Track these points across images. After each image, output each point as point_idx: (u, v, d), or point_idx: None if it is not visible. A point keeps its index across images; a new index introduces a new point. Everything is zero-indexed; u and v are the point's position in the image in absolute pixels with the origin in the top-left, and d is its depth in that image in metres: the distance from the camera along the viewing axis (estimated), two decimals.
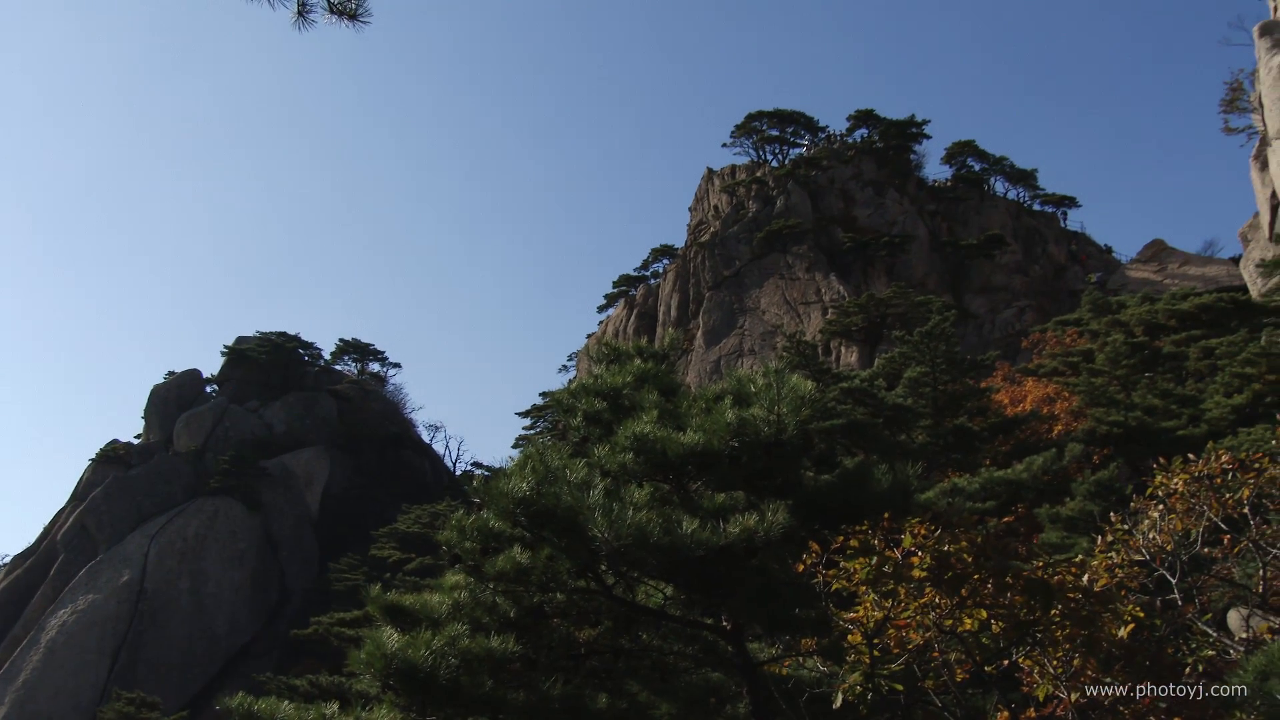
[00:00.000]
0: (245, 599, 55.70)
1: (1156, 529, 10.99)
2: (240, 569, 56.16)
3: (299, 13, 6.98)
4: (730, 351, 55.66)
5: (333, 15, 7.03)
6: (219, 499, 57.94)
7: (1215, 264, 54.48)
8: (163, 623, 52.13)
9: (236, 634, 54.45)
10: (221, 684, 48.21)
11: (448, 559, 10.01)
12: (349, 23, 7.06)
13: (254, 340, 70.56)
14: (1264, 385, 22.77)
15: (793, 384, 9.19)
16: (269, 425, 65.32)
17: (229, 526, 57.05)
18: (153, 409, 66.97)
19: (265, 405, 66.80)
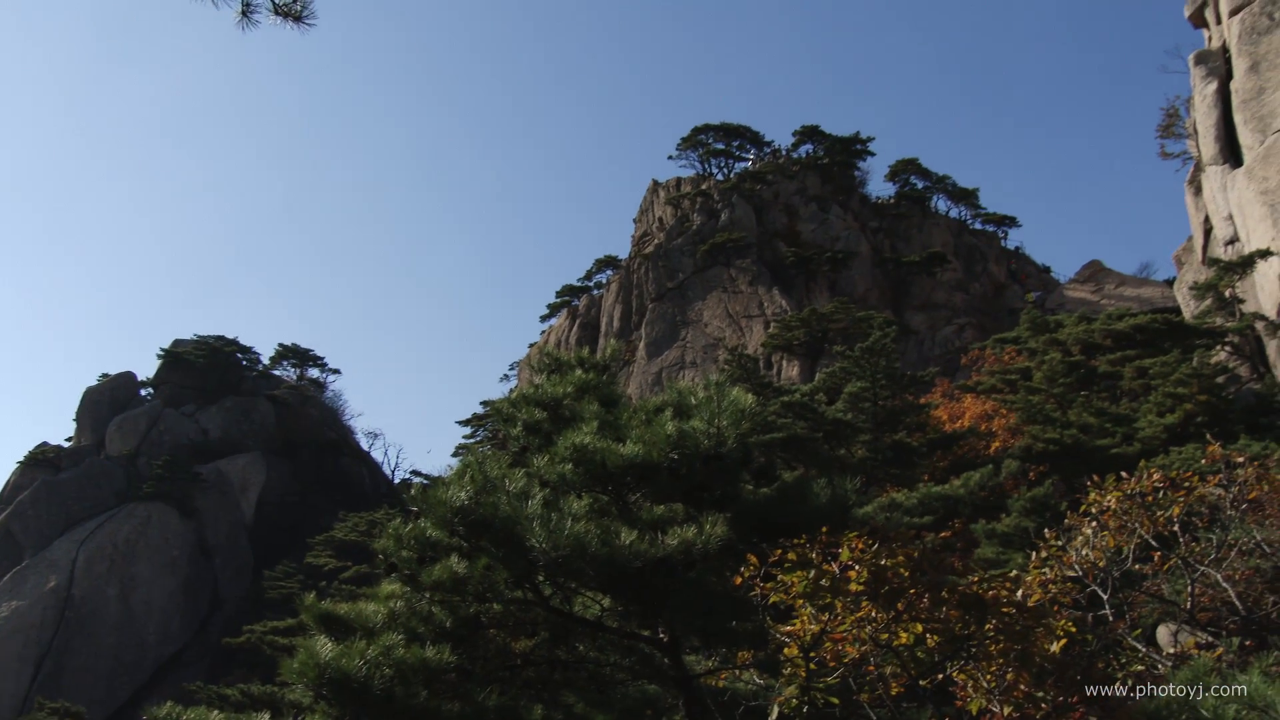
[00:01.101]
0: (177, 606, 54.83)
1: (1089, 545, 11.14)
2: (172, 576, 55.27)
3: (243, 13, 6.90)
4: (672, 363, 55.75)
5: (278, 16, 6.95)
6: (151, 504, 56.95)
7: (1150, 285, 55.41)
8: (90, 630, 51.17)
9: (167, 642, 53.59)
10: (150, 693, 47.44)
11: (384, 568, 9.91)
12: (294, 24, 6.99)
13: (191, 343, 69.56)
14: (1195, 405, 23.15)
15: (733, 397, 9.20)
16: (205, 430, 64.42)
17: (161, 533, 56.13)
18: (85, 411, 65.80)
19: (201, 409, 65.85)
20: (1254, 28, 33.95)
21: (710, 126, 71.44)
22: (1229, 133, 34.02)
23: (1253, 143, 32.30)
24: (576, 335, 66.71)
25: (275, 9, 6.93)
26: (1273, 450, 17.13)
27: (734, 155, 71.55)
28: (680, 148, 71.67)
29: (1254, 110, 32.85)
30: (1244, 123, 33.05)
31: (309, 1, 6.98)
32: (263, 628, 37.51)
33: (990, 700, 8.10)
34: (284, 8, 6.96)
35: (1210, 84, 35.24)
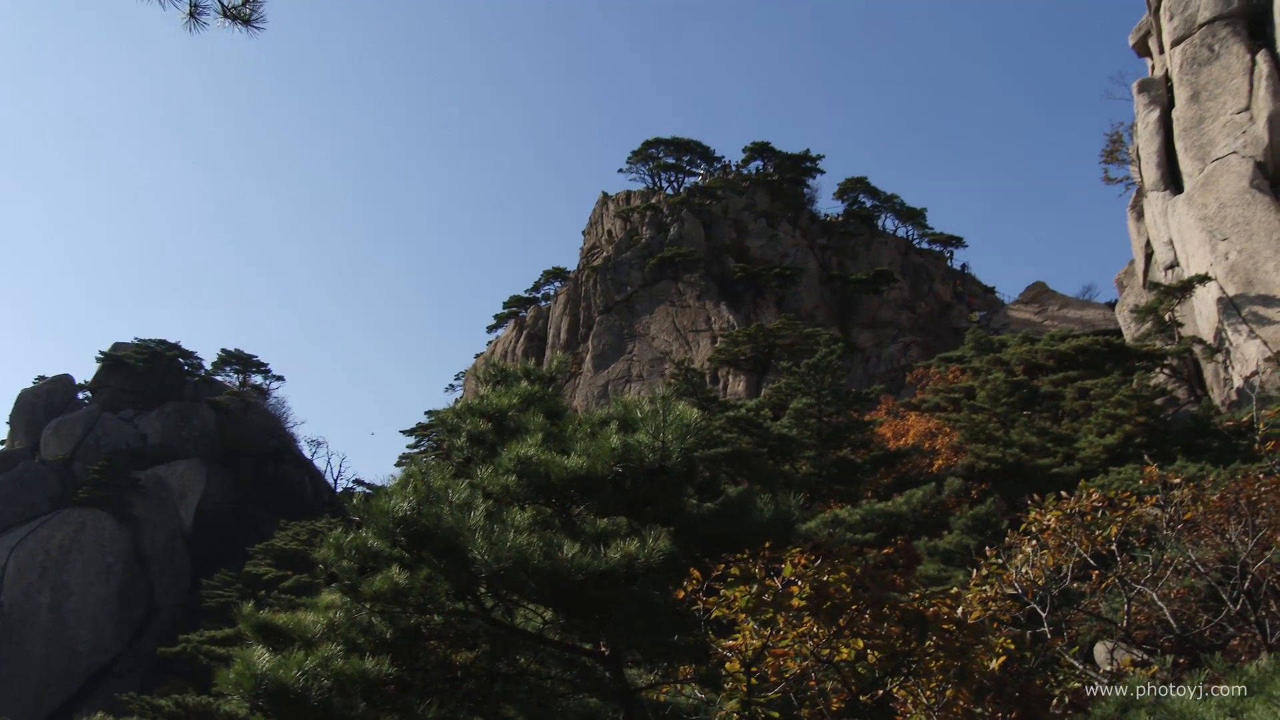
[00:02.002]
0: (110, 615, 53.92)
1: (1029, 564, 11.24)
2: (106, 584, 54.35)
3: (190, 14, 6.83)
4: (619, 376, 55.74)
5: (226, 19, 6.90)
6: (86, 510, 55.97)
7: (1093, 308, 56.21)
8: (19, 639, 50.18)
9: (99, 651, 52.68)
10: (81, 703, 46.65)
11: (324, 577, 9.79)
12: (243, 28, 6.93)
13: (132, 347, 68.52)
14: (1134, 426, 23.46)
15: (678, 411, 9.21)
16: (144, 435, 63.46)
17: (96, 539, 55.21)
18: (19, 414, 64.59)
19: (141, 414, 64.88)
20: (1195, 58, 34.57)
21: (661, 140, 71.66)
22: (1170, 160, 34.61)
23: (1193, 170, 32.86)
24: (523, 346, 66.59)
25: (224, 11, 6.88)
26: (1208, 472, 17.37)
27: (684, 170, 71.79)
28: (631, 161, 71.85)
29: (1194, 139, 33.43)
30: (1185, 150, 33.63)
31: (259, 5, 6.93)
32: (199, 637, 36.95)
33: (930, 716, 8.15)
34: (233, 10, 6.90)
35: (1153, 111, 35.83)
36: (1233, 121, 32.47)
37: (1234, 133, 32.18)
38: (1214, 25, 34.59)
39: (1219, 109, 33.10)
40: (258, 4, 6.95)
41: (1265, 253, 28.56)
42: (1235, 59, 33.39)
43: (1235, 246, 29.39)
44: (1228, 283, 29.12)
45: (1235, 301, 28.62)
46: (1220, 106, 33.11)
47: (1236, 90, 32.82)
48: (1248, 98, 32.44)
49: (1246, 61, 33.06)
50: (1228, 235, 29.78)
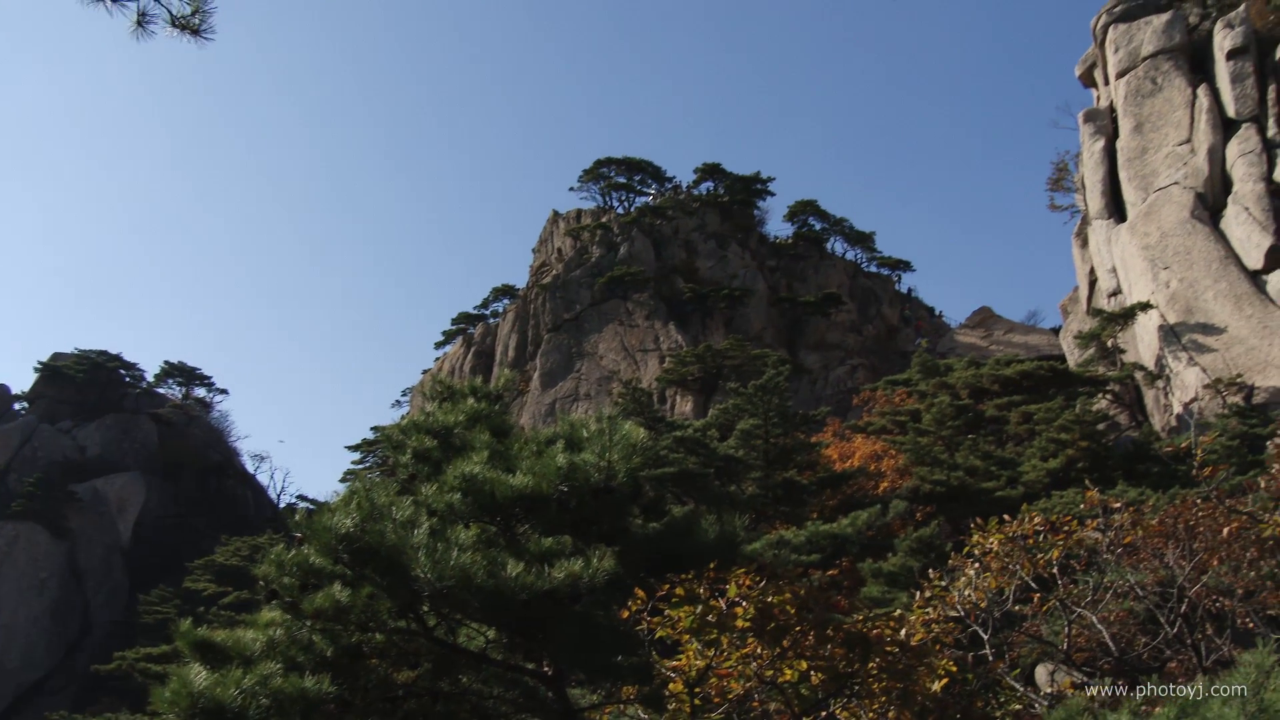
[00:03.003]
0: (43, 630, 52.87)
1: (972, 586, 11.32)
2: (39, 599, 53.31)
3: (138, 22, 6.75)
4: (566, 395, 55.63)
5: (175, 29, 6.82)
6: (20, 523, 54.87)
7: (1037, 333, 56.83)
8: None
9: (30, 668, 51.64)
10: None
11: (265, 594, 9.66)
12: (191, 37, 6.86)
13: (71, 357, 67.48)
14: (1077, 451, 23.72)
15: (625, 431, 9.19)
16: (82, 447, 62.44)
17: (30, 553, 54.16)
18: None
19: (79, 426, 63.84)
20: (1139, 90, 35.20)
21: (613, 160, 71.77)
22: (1114, 189, 35.18)
23: (1136, 200, 33.41)
24: (471, 363, 66.33)
25: (173, 21, 6.80)
26: (1148, 497, 17.61)
27: (635, 189, 71.93)
28: (582, 180, 71.90)
29: (1138, 169, 34.00)
30: (1128, 180, 34.20)
31: (208, 15, 6.87)
32: (135, 654, 36.37)
33: None
34: (182, 20, 6.83)
35: (1098, 141, 36.41)
36: (1174, 153, 33.06)
37: (1176, 164, 32.77)
38: (1157, 59, 35.25)
39: (1161, 140, 33.71)
40: (207, 14, 6.88)
41: (1205, 282, 29.06)
42: (1177, 92, 34.04)
43: (1176, 275, 29.88)
44: (1169, 310, 29.59)
45: (1176, 329, 29.08)
46: (1163, 138, 33.72)
47: (1178, 123, 33.44)
48: (1189, 130, 33.06)
49: (1188, 95, 33.70)
50: (1169, 264, 30.28)
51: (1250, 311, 27.69)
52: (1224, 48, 33.18)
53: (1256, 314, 27.53)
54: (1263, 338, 26.97)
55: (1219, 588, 11.72)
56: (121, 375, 69.32)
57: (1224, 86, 32.91)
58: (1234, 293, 28.33)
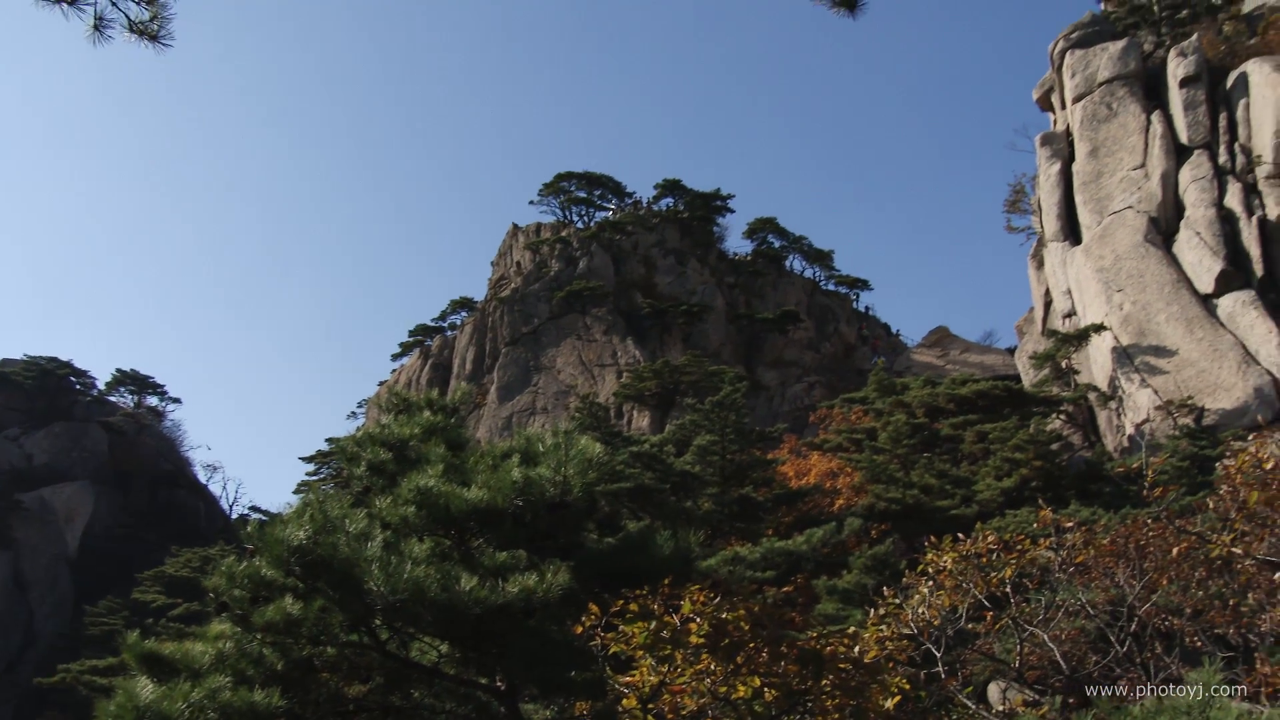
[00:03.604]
0: None
1: (926, 604, 11.38)
2: None
3: (95, 27, 6.68)
4: (523, 409, 55.48)
5: (133, 35, 6.76)
6: None
7: (993, 353, 57.31)
8: None
9: None
10: None
11: (215, 607, 9.56)
12: (150, 43, 6.80)
13: (20, 364, 66.48)
14: (1031, 470, 23.92)
15: (581, 446, 9.18)
16: (29, 455, 61.48)
17: None
18: None
19: (27, 434, 62.88)
20: (1095, 115, 35.65)
21: (573, 174, 71.77)
22: (1070, 211, 35.59)
23: (1091, 223, 33.81)
24: (428, 376, 66.05)
25: (131, 26, 6.75)
26: (1100, 516, 17.77)
27: (595, 204, 71.94)
28: (542, 193, 71.83)
29: (1093, 192, 34.42)
30: (1084, 203, 34.61)
31: (167, 23, 6.81)
32: (80, 667, 35.85)
33: None
34: (140, 26, 6.77)
35: (1054, 165, 36.83)
36: (1129, 177, 33.50)
37: (1130, 188, 33.20)
38: (1113, 85, 35.74)
39: (1116, 165, 34.15)
40: (166, 21, 6.83)
41: (1157, 305, 29.43)
42: (1132, 118, 34.51)
43: (1129, 298, 30.24)
44: (1122, 332, 29.94)
45: (1129, 351, 29.42)
46: (1118, 162, 34.16)
47: (1133, 148, 33.89)
48: (1143, 155, 33.52)
49: (1142, 121, 34.18)
50: (1123, 287, 30.65)
51: (1201, 335, 28.07)
52: (1177, 75, 33.70)
53: (1207, 337, 27.90)
54: (1213, 360, 27.34)
55: (1168, 607, 11.85)
56: (71, 383, 68.47)
57: (1177, 113, 33.41)
58: (1185, 316, 28.71)
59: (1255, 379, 26.30)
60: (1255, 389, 26.14)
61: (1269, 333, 26.86)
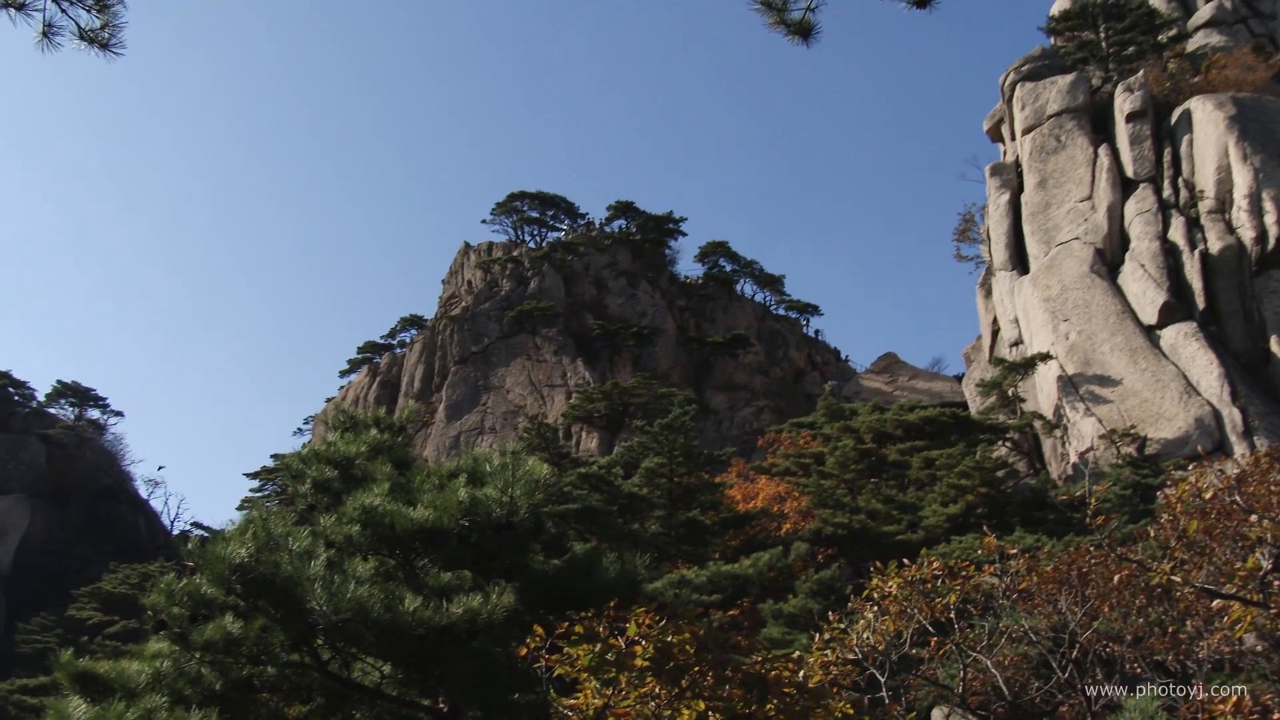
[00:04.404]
0: None
1: (870, 629, 11.41)
2: None
3: (44, 33, 6.60)
4: (471, 428, 55.27)
5: (82, 42, 6.69)
6: None
7: (941, 380, 57.76)
8: None
9: None
10: None
11: (153, 625, 9.41)
12: (100, 51, 6.73)
13: None
14: (976, 497, 24.10)
15: (529, 466, 9.15)
16: None
17: None
18: None
19: None
20: (1043, 147, 36.16)
21: (526, 194, 71.86)
22: (1018, 241, 36.04)
23: (1039, 253, 34.25)
24: (376, 393, 65.69)
25: (81, 34, 6.67)
26: (1044, 543, 17.92)
27: (547, 224, 72.06)
28: (495, 212, 71.85)
29: (1041, 223, 34.88)
30: (1032, 234, 35.06)
31: (118, 30, 6.75)
32: (10, 686, 35.14)
33: None
34: (90, 34, 6.71)
35: (1003, 195, 37.29)
36: (1076, 209, 33.98)
37: (1077, 219, 33.67)
38: (1061, 118, 36.28)
39: (1064, 196, 34.64)
40: (117, 29, 6.76)
41: (1102, 335, 29.82)
42: (1080, 150, 35.04)
43: (1075, 327, 30.62)
44: (1067, 361, 30.30)
45: (1074, 380, 29.78)
46: (1065, 194, 34.65)
47: (1080, 180, 34.40)
48: (1090, 187, 34.03)
49: (1090, 154, 34.71)
50: (1069, 316, 31.03)
51: (1144, 365, 28.47)
52: (1124, 110, 34.27)
53: (1150, 367, 28.30)
54: (1155, 390, 27.72)
55: (1109, 633, 11.96)
56: (10, 394, 67.26)
57: (1123, 147, 33.96)
58: (1129, 346, 29.11)
59: (1196, 409, 26.69)
60: (1196, 419, 26.53)
61: (1210, 364, 27.29)
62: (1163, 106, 34.38)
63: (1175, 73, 36.39)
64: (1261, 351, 28.18)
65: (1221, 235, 29.77)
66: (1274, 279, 28.66)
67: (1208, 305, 29.18)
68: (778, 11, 6.96)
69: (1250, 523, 9.60)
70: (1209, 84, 34.11)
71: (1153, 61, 37.13)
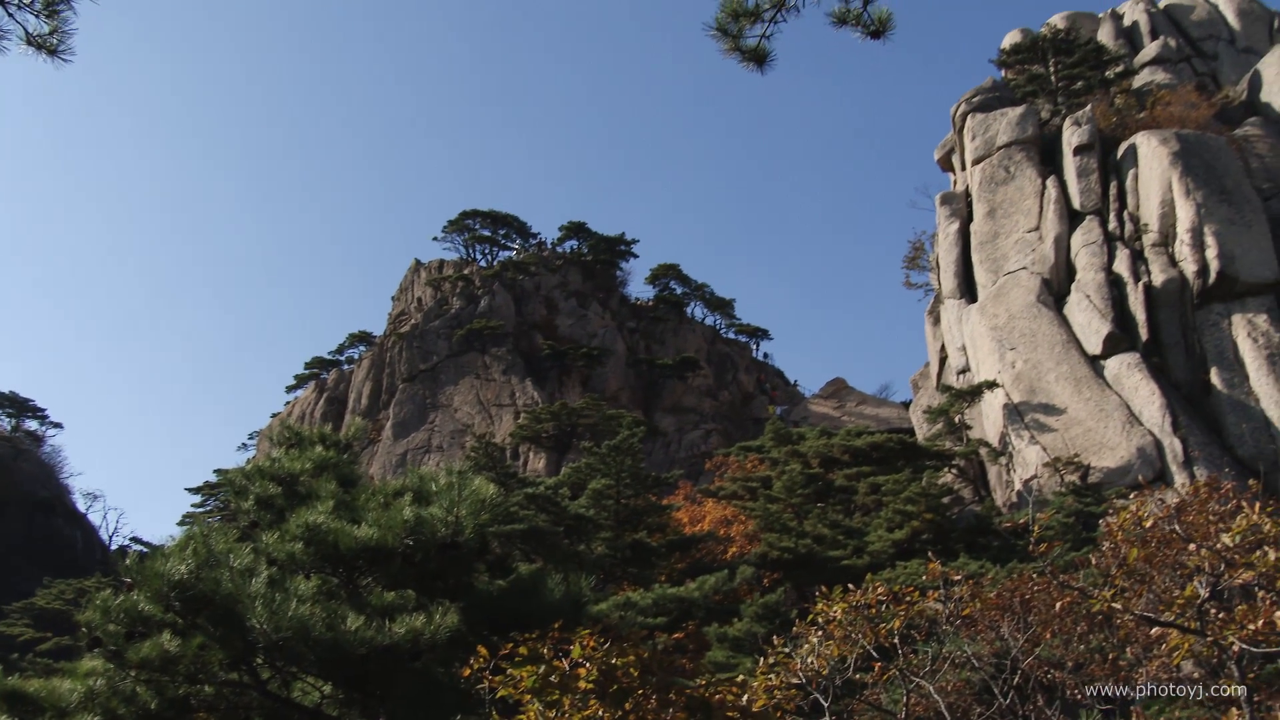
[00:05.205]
0: None
1: (815, 653, 11.40)
2: None
3: None
4: (419, 446, 54.96)
5: (30, 47, 6.58)
6: None
7: (888, 406, 58.15)
8: None
9: None
10: None
11: (87, 642, 9.24)
12: (49, 57, 6.63)
13: None
14: (922, 523, 24.23)
15: (475, 486, 9.10)
16: None
17: None
18: None
19: None
20: (993, 178, 36.58)
21: (479, 212, 71.78)
22: (967, 270, 36.39)
23: (987, 282, 34.59)
24: (323, 409, 65.18)
25: (28, 39, 6.57)
26: (987, 570, 18.04)
27: (499, 243, 72.00)
28: (446, 230, 71.72)
29: (989, 252, 35.25)
30: (980, 263, 35.41)
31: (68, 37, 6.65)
32: None
33: None
34: (38, 39, 6.60)
35: (953, 224, 37.66)
36: (1024, 239, 34.38)
37: (1025, 250, 34.06)
38: (1010, 149, 36.73)
39: (1012, 226, 35.03)
40: (67, 35, 6.67)
41: (1048, 364, 30.13)
42: (1028, 182, 35.48)
43: (1021, 356, 30.93)
44: (1013, 390, 30.58)
45: (1019, 408, 30.05)
46: (1013, 224, 35.05)
47: (1028, 211, 34.82)
48: (1038, 218, 34.45)
49: (1038, 185, 35.16)
50: (1015, 345, 31.34)
51: (1089, 394, 28.78)
52: (1071, 143, 34.75)
53: (1094, 397, 28.62)
54: (1099, 420, 28.03)
55: (1051, 660, 12.05)
56: None
57: (1071, 180, 34.41)
58: (1074, 376, 29.43)
59: (1138, 439, 27.01)
60: (1138, 449, 26.84)
61: (1152, 395, 27.65)
62: (1109, 140, 34.92)
63: (1122, 108, 36.97)
64: (1202, 383, 28.59)
65: (1165, 268, 30.23)
66: (1214, 312, 29.13)
67: (1151, 337, 29.58)
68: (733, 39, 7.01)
69: (1189, 551, 9.71)
70: (1154, 120, 34.70)
71: (1100, 96, 37.72)
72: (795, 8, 6.93)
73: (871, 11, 6.85)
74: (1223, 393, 27.69)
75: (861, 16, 6.88)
